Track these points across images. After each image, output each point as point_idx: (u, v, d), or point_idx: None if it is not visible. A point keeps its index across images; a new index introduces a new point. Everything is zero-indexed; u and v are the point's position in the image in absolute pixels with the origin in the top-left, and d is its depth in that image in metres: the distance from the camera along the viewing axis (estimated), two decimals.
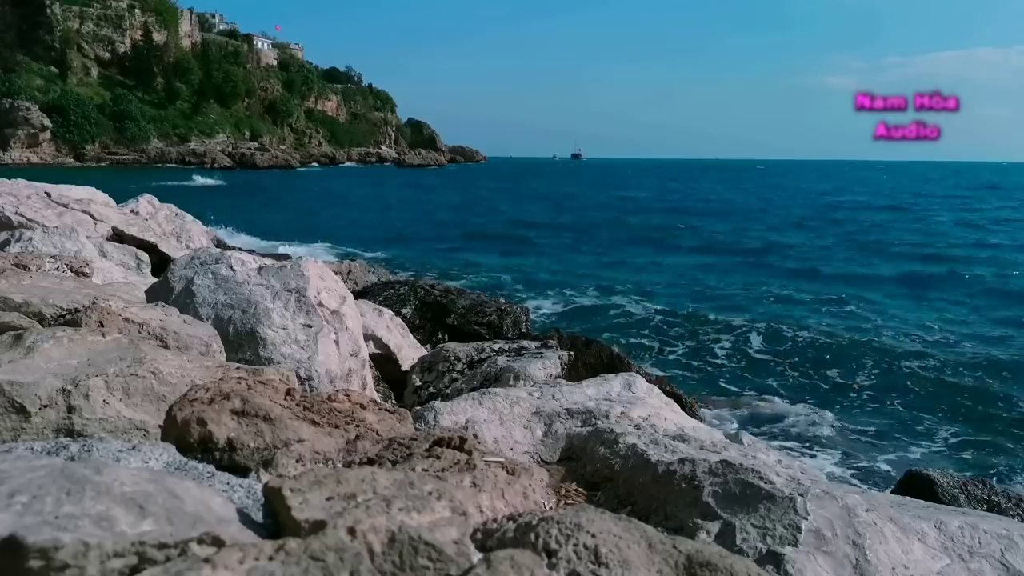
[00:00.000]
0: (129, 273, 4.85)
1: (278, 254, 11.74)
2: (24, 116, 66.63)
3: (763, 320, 13.00)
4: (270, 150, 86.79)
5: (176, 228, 8.11)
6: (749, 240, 25.79)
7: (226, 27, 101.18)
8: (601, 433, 2.47)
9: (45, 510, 0.87)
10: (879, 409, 8.54)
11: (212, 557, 0.82)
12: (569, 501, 2.14)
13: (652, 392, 3.21)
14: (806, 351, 11.02)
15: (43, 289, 2.73)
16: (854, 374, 9.88)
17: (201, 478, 1.30)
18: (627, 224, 30.83)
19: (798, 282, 17.29)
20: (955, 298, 15.74)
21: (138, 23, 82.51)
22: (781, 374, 9.78)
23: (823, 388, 9.25)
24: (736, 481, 1.93)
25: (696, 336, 11.83)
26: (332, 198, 42.07)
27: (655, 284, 16.69)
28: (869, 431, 7.89)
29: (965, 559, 1.87)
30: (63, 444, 1.39)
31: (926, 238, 27.45)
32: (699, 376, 9.61)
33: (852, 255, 22.08)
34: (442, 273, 16.18)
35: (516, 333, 6.47)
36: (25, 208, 5.77)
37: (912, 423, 8.16)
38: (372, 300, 6.03)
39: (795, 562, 1.72)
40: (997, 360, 10.69)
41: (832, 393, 9.07)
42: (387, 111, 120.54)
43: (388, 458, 1.45)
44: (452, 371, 4.31)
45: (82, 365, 1.81)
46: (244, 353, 2.98)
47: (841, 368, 10.21)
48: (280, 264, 3.53)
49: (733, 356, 10.69)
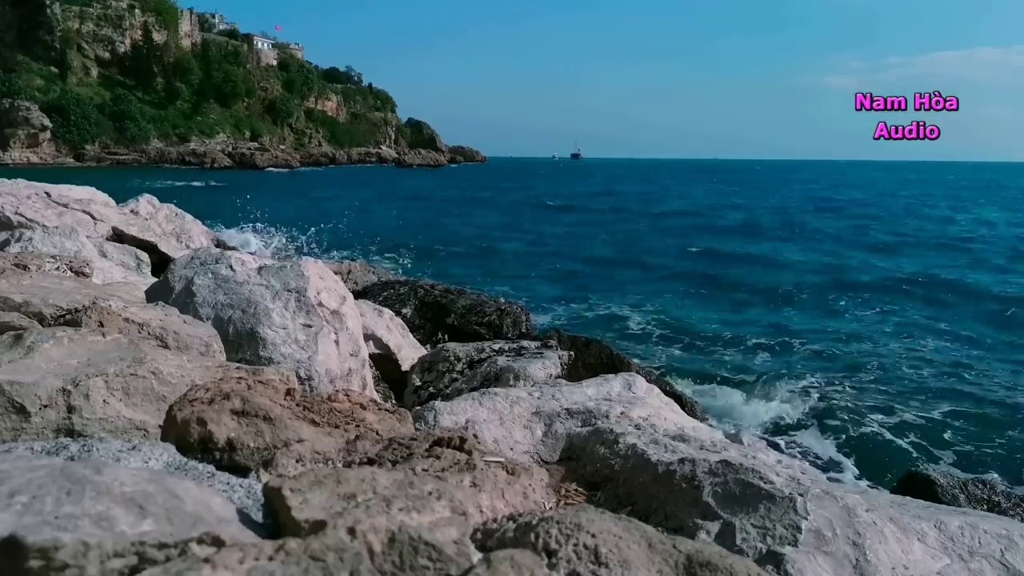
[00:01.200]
0: (129, 273, 4.85)
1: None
2: (24, 116, 66.62)
3: (763, 321, 13.02)
4: (270, 150, 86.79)
5: (176, 228, 8.11)
6: (751, 241, 25.80)
7: (226, 27, 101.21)
8: (601, 433, 2.47)
9: (45, 510, 0.87)
10: (879, 409, 8.54)
11: (212, 557, 0.82)
12: (569, 501, 2.14)
13: (652, 392, 3.21)
14: (806, 351, 11.03)
15: (43, 289, 2.73)
16: (854, 374, 9.89)
17: (201, 478, 1.30)
18: (628, 227, 30.84)
19: (799, 282, 17.29)
20: (957, 299, 15.75)
21: (138, 23, 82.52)
22: (781, 374, 9.78)
23: (823, 388, 9.25)
24: (736, 481, 1.93)
25: (696, 336, 11.84)
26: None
27: (655, 284, 16.69)
28: (869, 431, 7.90)
29: (965, 559, 1.87)
30: (63, 444, 1.39)
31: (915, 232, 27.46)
32: (699, 376, 9.61)
33: (855, 257, 22.07)
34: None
35: (516, 333, 6.47)
36: (25, 208, 5.77)
37: (912, 423, 8.16)
38: (372, 300, 6.03)
39: (795, 562, 1.72)
40: (998, 359, 10.70)
41: (832, 393, 9.07)
42: (387, 111, 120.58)
43: (388, 458, 1.45)
44: (452, 371, 4.31)
45: (82, 365, 1.81)
46: (244, 353, 2.98)
47: (841, 368, 10.21)
48: (280, 264, 3.52)
49: (733, 356, 10.70)
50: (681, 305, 14.39)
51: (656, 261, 20.56)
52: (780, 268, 19.68)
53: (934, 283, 17.53)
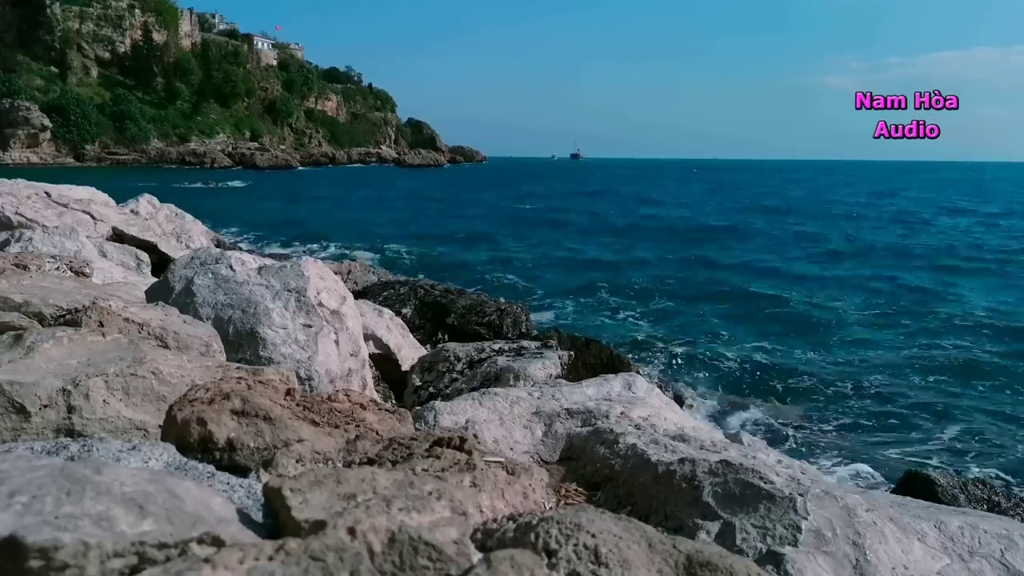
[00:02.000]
0: (129, 273, 4.85)
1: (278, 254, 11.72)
2: (24, 116, 66.65)
3: (763, 321, 13.01)
4: (270, 150, 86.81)
5: (176, 228, 8.11)
6: (749, 242, 25.81)
7: (226, 27, 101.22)
8: (601, 433, 2.47)
9: (45, 510, 0.87)
10: (879, 409, 8.54)
11: (212, 557, 0.82)
12: (569, 501, 2.14)
13: (652, 392, 3.21)
14: (806, 351, 11.03)
15: (43, 289, 2.73)
16: (854, 375, 9.88)
17: (201, 478, 1.30)
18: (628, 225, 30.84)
19: (799, 284, 17.29)
20: (958, 299, 15.75)
21: (138, 23, 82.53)
22: (782, 374, 9.78)
23: (823, 388, 9.25)
24: (736, 481, 1.93)
25: (696, 337, 11.84)
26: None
27: (655, 285, 16.69)
28: (869, 431, 7.89)
29: (965, 559, 1.87)
30: (63, 444, 1.39)
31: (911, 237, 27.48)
32: (699, 376, 9.61)
33: (855, 258, 22.06)
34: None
35: (516, 333, 6.47)
36: (25, 208, 5.77)
37: (912, 423, 8.16)
38: (372, 300, 6.03)
39: (795, 562, 1.72)
40: (997, 360, 10.70)
41: (832, 393, 9.07)
42: (387, 111, 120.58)
43: (388, 458, 1.45)
44: (452, 371, 4.31)
45: (82, 365, 1.81)
46: (244, 353, 2.98)
47: (841, 368, 10.21)
48: (280, 264, 3.53)
49: (733, 356, 10.69)
50: (681, 305, 14.37)
51: (655, 260, 20.54)
52: (779, 269, 19.69)
53: (933, 285, 17.57)
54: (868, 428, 7.97)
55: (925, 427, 8.08)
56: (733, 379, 9.56)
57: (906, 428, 8.04)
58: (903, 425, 8.12)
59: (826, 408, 8.50)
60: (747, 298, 15.27)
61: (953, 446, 7.61)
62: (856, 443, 7.53)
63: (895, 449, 7.44)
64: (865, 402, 8.78)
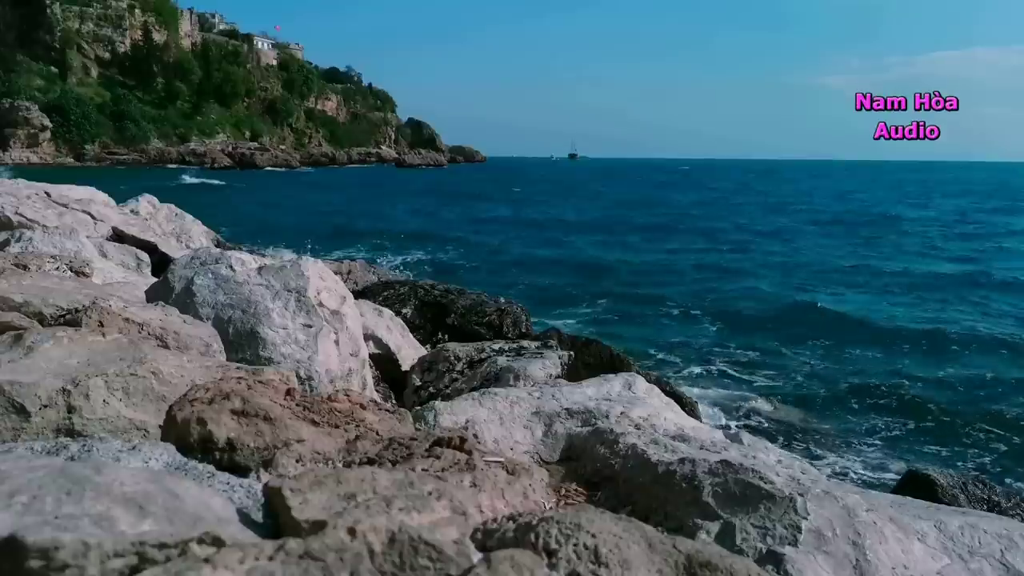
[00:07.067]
0: (129, 273, 4.85)
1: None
2: (24, 116, 66.64)
3: (763, 321, 13.01)
4: (270, 150, 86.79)
5: (176, 228, 8.12)
6: (746, 242, 25.81)
7: (226, 27, 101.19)
8: (601, 433, 2.47)
9: (45, 510, 0.87)
10: (879, 409, 8.54)
11: (212, 557, 0.82)
12: (569, 501, 2.14)
13: (652, 392, 3.21)
14: (806, 352, 11.02)
15: (43, 289, 2.72)
16: (854, 375, 9.88)
17: (201, 478, 1.30)
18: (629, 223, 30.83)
19: (800, 284, 17.29)
20: (960, 297, 15.74)
21: (138, 23, 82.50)
22: (782, 374, 9.78)
23: (823, 388, 9.25)
24: (736, 481, 1.93)
25: (696, 337, 11.84)
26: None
27: (655, 285, 16.69)
28: (869, 431, 7.89)
29: (965, 559, 1.87)
30: (63, 444, 1.39)
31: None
32: (699, 376, 9.61)
33: (856, 259, 22.06)
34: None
35: (516, 333, 6.47)
36: (25, 208, 5.77)
37: (912, 423, 8.16)
38: (372, 300, 6.03)
39: (795, 562, 1.72)
40: (998, 360, 10.70)
41: (832, 393, 9.07)
42: (387, 111, 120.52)
43: (388, 458, 1.45)
44: (452, 371, 4.31)
45: (82, 365, 1.81)
46: (244, 353, 2.98)
47: (841, 368, 10.21)
48: (280, 264, 3.52)
49: (734, 356, 10.69)
50: (681, 306, 14.37)
51: (654, 260, 20.55)
52: (779, 269, 19.69)
53: (956, 279, 17.62)
54: (868, 428, 7.97)
55: (925, 427, 8.08)
56: (733, 379, 9.56)
57: (906, 428, 8.04)
58: (903, 425, 8.12)
59: (826, 408, 8.50)
60: (747, 298, 15.28)
61: (953, 446, 7.61)
62: (857, 443, 7.54)
63: (895, 449, 7.44)
64: (865, 402, 8.78)
